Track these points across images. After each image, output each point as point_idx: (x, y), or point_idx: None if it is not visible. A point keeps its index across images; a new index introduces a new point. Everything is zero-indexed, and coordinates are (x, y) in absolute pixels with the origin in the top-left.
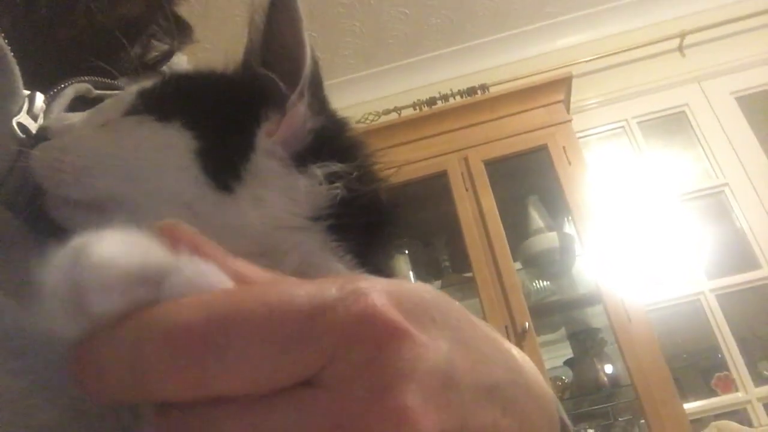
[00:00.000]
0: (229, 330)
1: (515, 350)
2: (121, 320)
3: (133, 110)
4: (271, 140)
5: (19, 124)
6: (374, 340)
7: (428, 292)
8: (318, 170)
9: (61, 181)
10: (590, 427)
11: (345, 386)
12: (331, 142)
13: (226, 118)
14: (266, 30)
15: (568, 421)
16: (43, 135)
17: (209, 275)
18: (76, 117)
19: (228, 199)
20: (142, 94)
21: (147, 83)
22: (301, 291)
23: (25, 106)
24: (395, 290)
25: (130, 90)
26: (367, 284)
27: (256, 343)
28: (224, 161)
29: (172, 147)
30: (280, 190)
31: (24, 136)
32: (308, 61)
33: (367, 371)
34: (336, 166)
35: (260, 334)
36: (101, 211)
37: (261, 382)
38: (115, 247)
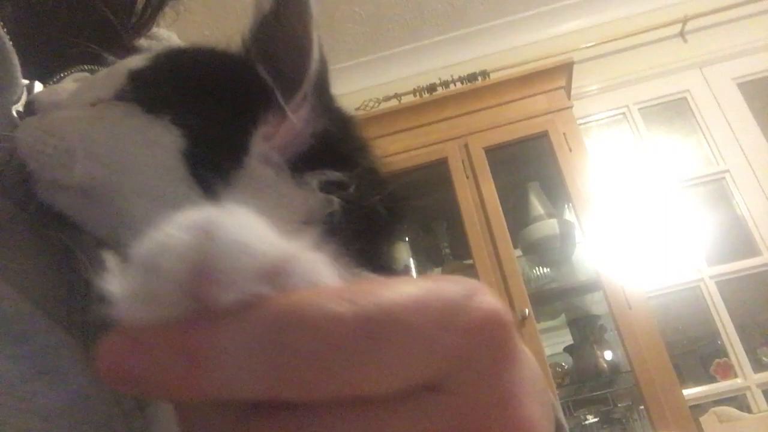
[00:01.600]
0: (383, 325)
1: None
2: (247, 308)
3: (123, 94)
4: (268, 145)
5: (19, 113)
6: (500, 344)
7: None
8: (314, 180)
9: (44, 163)
10: (589, 413)
11: (471, 392)
12: (333, 147)
13: (220, 115)
14: (272, 18)
15: (564, 422)
16: (30, 109)
17: (325, 268)
18: (66, 90)
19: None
20: (133, 77)
21: (138, 61)
22: (443, 286)
23: (24, 96)
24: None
25: (123, 66)
26: (471, 281)
27: (407, 340)
28: (213, 165)
29: (159, 145)
30: (272, 199)
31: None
32: (315, 61)
33: (492, 377)
34: (334, 176)
35: (411, 332)
36: (88, 197)
37: (399, 383)
38: (245, 231)
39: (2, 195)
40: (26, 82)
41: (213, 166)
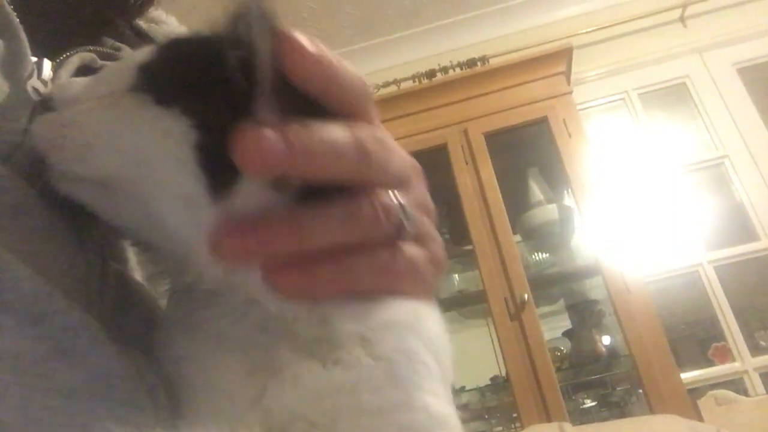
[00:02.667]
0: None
1: None
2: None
3: (136, 86)
4: None
5: (33, 89)
6: None
7: None
8: None
9: (63, 157)
10: (588, 397)
11: None
12: None
13: (227, 103)
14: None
15: None
16: (45, 105)
17: None
18: (79, 85)
19: (226, 199)
20: (142, 69)
21: (146, 54)
22: None
23: (35, 73)
24: None
25: (134, 59)
26: None
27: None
28: (224, 157)
29: (170, 137)
30: None
31: (39, 99)
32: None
33: None
34: None
35: None
36: (107, 189)
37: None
38: None
39: (17, 173)
40: (35, 59)
41: (222, 159)
